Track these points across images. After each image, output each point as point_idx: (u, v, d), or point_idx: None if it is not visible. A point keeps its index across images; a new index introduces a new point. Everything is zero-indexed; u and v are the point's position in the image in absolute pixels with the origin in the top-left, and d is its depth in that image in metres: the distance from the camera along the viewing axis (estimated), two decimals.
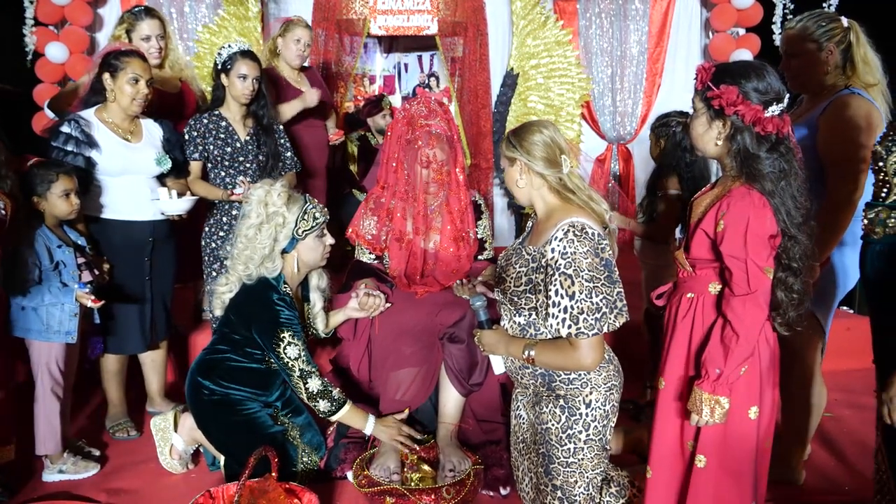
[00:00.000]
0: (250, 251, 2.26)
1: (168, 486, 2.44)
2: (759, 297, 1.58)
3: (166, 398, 3.02)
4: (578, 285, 1.72)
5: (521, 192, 1.94)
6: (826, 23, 2.20)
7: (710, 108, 1.63)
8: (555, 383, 1.85)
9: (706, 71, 1.66)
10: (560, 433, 1.86)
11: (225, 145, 2.95)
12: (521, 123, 2.02)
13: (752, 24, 4.96)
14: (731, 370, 1.58)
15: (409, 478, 2.30)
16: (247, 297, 2.28)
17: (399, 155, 2.53)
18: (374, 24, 4.55)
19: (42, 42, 4.55)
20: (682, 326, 1.72)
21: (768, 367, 1.68)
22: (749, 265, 1.56)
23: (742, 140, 1.60)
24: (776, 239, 1.60)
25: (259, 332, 2.22)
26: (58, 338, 2.40)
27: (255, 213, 2.27)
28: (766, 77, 1.60)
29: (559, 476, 1.87)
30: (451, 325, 2.42)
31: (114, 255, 2.67)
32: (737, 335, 1.57)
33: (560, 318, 1.74)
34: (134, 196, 2.69)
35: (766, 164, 1.58)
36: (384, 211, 2.58)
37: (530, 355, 1.83)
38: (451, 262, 2.58)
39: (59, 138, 2.56)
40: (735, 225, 1.57)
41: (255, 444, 2.02)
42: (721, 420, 1.60)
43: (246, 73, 2.90)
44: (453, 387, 2.42)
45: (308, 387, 2.21)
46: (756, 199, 1.57)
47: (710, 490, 1.68)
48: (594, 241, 1.76)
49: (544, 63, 4.94)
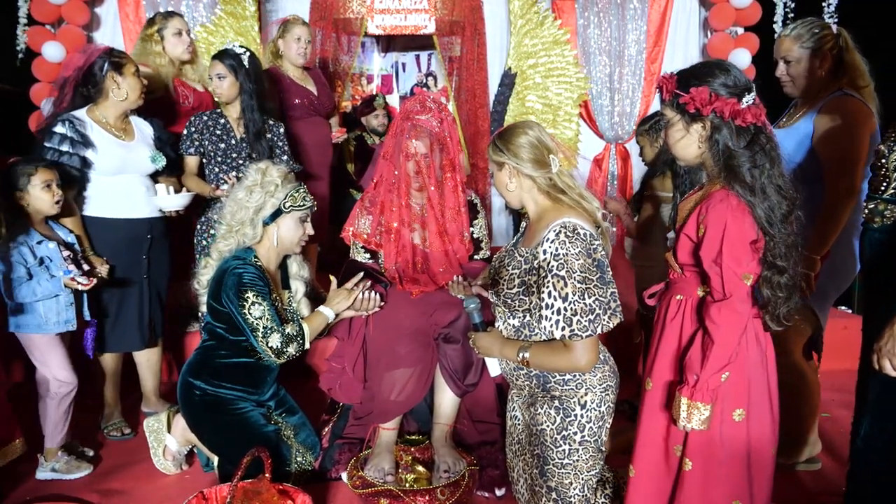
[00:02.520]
0: (236, 211, 2.31)
1: (161, 487, 2.43)
2: (736, 303, 1.55)
3: (161, 398, 3.02)
4: (571, 287, 1.70)
5: (511, 195, 1.92)
6: (819, 30, 2.32)
7: (685, 113, 1.62)
8: (549, 384, 1.84)
9: (669, 80, 1.65)
10: (555, 434, 1.84)
11: (220, 141, 2.98)
12: (506, 125, 2.00)
13: (750, 23, 4.93)
14: (709, 376, 1.56)
15: (403, 479, 2.29)
16: (217, 273, 2.31)
17: (390, 148, 2.53)
18: (371, 23, 4.53)
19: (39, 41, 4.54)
20: (671, 328, 1.70)
21: (758, 368, 1.66)
22: (724, 270, 1.54)
23: (722, 138, 1.58)
24: (758, 243, 1.57)
25: (227, 298, 2.23)
26: (58, 328, 2.43)
27: (251, 178, 2.33)
28: (730, 71, 1.59)
29: (554, 477, 1.85)
30: (447, 325, 2.41)
31: (112, 254, 2.67)
32: (713, 341, 1.55)
33: (553, 320, 1.72)
34: (130, 194, 2.69)
35: (745, 161, 1.56)
36: (377, 207, 2.57)
37: (524, 357, 1.82)
38: (440, 259, 2.56)
39: (54, 139, 2.55)
40: (713, 230, 1.55)
41: (248, 444, 2.01)
42: (700, 426, 1.58)
43: (217, 73, 2.95)
44: (448, 387, 2.41)
45: (271, 343, 2.21)
46: (734, 203, 1.55)
47: (695, 493, 1.66)
48: (586, 242, 1.74)
49: (542, 62, 4.92)
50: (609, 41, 5.14)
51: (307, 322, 2.33)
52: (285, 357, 2.24)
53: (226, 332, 2.29)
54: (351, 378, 2.53)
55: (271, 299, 2.26)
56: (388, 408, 2.40)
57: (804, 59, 2.33)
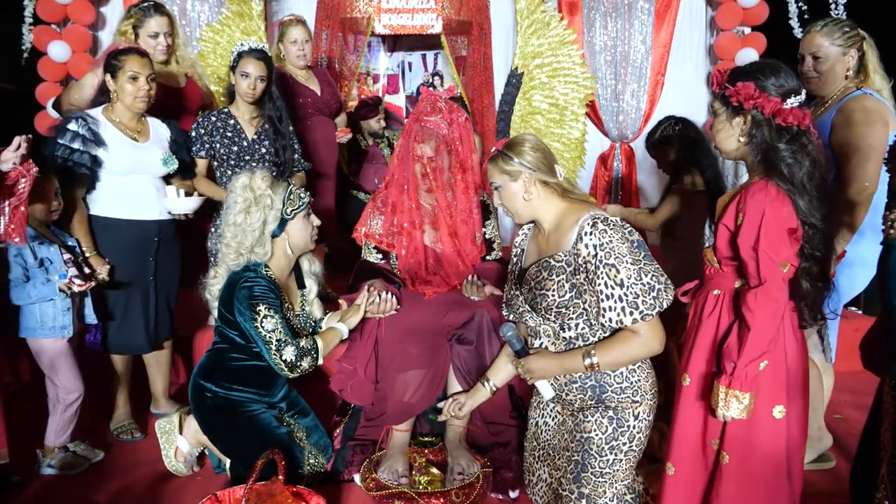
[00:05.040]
0: (241, 237, 2.26)
1: (173, 489, 2.42)
2: (772, 289, 1.56)
3: (171, 399, 3.01)
4: (625, 271, 1.72)
5: (525, 205, 1.90)
6: (849, 29, 2.36)
7: (729, 105, 1.64)
8: (606, 394, 1.83)
9: (721, 74, 1.68)
10: (602, 444, 1.83)
11: (231, 144, 2.95)
12: (505, 139, 2.01)
13: (757, 22, 4.92)
14: (746, 364, 1.56)
15: (417, 481, 2.28)
16: (228, 283, 2.29)
17: (401, 150, 2.53)
18: (378, 22, 4.52)
19: (44, 40, 4.53)
20: (709, 323, 1.71)
21: (797, 363, 1.66)
22: (761, 255, 1.55)
23: (761, 133, 1.60)
24: (797, 232, 1.58)
25: (239, 312, 2.21)
26: (53, 333, 2.41)
27: (241, 199, 2.26)
28: (781, 72, 1.61)
29: (589, 485, 1.84)
30: (460, 326, 2.40)
31: (119, 254, 2.66)
32: (749, 328, 1.56)
33: (618, 308, 1.73)
34: (140, 195, 2.68)
35: (786, 156, 1.57)
36: (388, 207, 2.56)
37: (593, 362, 1.79)
38: (453, 260, 2.56)
39: (66, 135, 2.54)
40: (751, 218, 1.57)
41: (261, 446, 2.00)
42: (739, 415, 1.58)
43: (248, 72, 2.89)
44: (462, 388, 2.39)
45: (284, 357, 2.18)
46: (773, 192, 1.56)
47: (733, 488, 1.66)
48: (621, 227, 1.77)
49: (549, 62, 4.90)
50: (615, 40, 5.13)
51: (321, 337, 2.31)
52: (298, 371, 2.21)
53: (237, 336, 2.29)
54: (362, 379, 2.52)
55: (283, 311, 2.24)
56: (402, 409, 2.39)
57: (832, 57, 2.34)
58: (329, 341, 2.32)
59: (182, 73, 3.31)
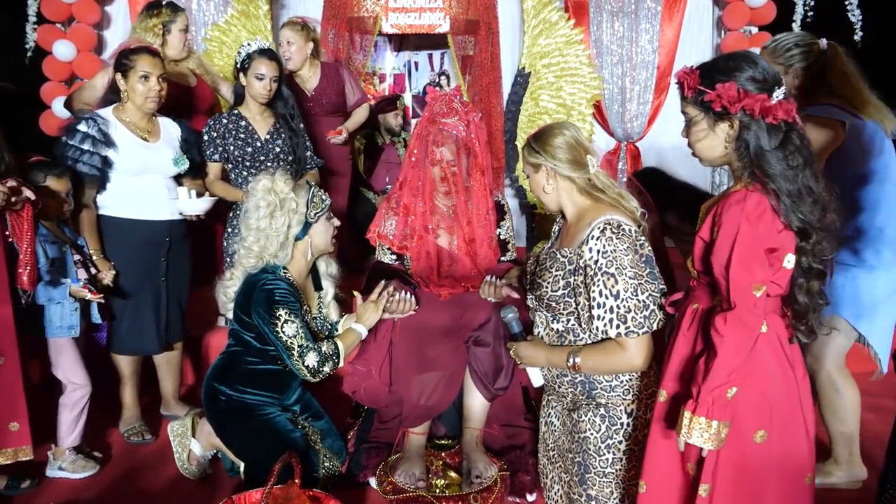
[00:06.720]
0: (264, 241, 2.21)
1: (187, 493, 2.39)
2: (743, 314, 1.41)
3: (181, 401, 2.98)
4: (623, 283, 1.67)
5: (549, 197, 1.89)
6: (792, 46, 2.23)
7: (710, 111, 1.47)
8: (595, 391, 1.80)
9: (690, 75, 1.49)
10: (598, 443, 1.81)
11: (245, 145, 2.92)
12: (540, 127, 1.97)
13: (765, 22, 4.92)
14: (709, 391, 1.41)
15: (434, 484, 2.26)
16: (245, 286, 2.25)
17: (417, 151, 2.50)
18: (385, 22, 4.51)
19: (49, 40, 4.51)
20: (685, 339, 1.59)
21: (781, 384, 1.50)
22: (732, 278, 1.41)
23: (752, 137, 1.43)
24: (777, 252, 1.43)
25: (257, 315, 2.17)
26: (61, 332, 2.40)
27: (264, 203, 2.20)
28: (757, 63, 1.44)
29: (595, 486, 1.82)
30: (477, 327, 2.37)
31: (130, 255, 2.63)
32: (715, 354, 1.42)
33: (606, 318, 1.69)
34: (151, 195, 2.65)
35: (778, 163, 1.41)
36: (402, 208, 2.54)
37: (575, 363, 1.77)
38: (468, 263, 2.54)
39: (76, 136, 2.52)
40: (725, 233, 1.42)
41: (276, 449, 1.98)
42: (704, 444, 1.43)
43: (262, 73, 2.87)
44: (478, 391, 2.37)
45: (307, 363, 2.15)
46: (750, 207, 1.41)
47: None
48: (632, 238, 1.72)
49: (556, 62, 4.90)
50: (622, 40, 5.13)
51: (341, 340, 2.28)
52: (321, 376, 2.18)
53: (254, 339, 2.26)
54: (376, 381, 2.49)
55: (302, 313, 2.22)
56: (418, 412, 2.37)
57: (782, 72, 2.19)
58: (349, 344, 2.30)
59: (191, 72, 3.30)
